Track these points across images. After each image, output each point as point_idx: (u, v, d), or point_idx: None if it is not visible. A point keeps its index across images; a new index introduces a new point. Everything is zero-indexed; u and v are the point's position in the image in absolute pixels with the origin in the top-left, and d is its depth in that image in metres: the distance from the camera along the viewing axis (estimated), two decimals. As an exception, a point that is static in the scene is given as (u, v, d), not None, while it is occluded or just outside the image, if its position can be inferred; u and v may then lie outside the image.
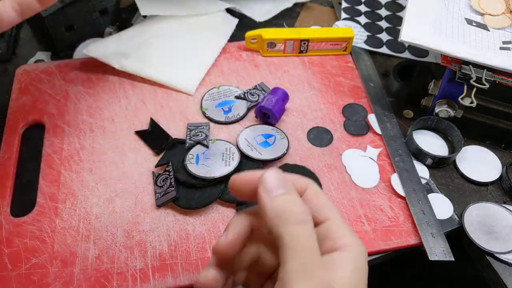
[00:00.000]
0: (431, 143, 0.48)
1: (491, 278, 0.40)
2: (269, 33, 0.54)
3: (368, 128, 0.49)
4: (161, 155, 0.45)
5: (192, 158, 0.43)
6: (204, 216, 0.41)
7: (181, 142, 0.46)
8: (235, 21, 0.59)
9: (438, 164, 0.46)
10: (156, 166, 0.44)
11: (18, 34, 0.59)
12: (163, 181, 0.42)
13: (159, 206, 0.41)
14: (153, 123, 0.48)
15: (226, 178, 0.42)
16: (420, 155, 0.46)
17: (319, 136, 0.48)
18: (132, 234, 0.40)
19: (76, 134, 0.47)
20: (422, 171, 0.45)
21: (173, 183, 0.41)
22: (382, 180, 0.45)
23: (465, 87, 0.43)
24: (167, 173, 0.43)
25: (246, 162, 0.44)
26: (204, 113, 0.49)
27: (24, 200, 0.42)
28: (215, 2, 0.59)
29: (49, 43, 0.56)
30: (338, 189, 0.44)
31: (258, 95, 0.51)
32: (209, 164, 0.43)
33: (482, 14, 0.49)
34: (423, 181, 0.44)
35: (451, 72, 0.45)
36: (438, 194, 0.44)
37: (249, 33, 0.55)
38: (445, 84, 0.46)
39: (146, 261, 0.38)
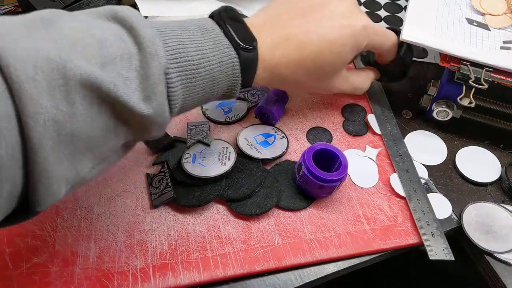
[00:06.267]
0: (430, 143, 0.48)
1: (490, 277, 0.40)
2: (269, 34, 0.54)
3: (367, 128, 0.49)
4: (157, 155, 0.45)
5: (189, 157, 0.43)
6: (204, 216, 0.41)
7: (181, 141, 0.46)
8: (235, 21, 0.59)
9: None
10: (153, 164, 0.44)
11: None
12: (158, 182, 0.42)
13: (155, 206, 0.41)
14: (154, 123, 0.48)
15: (221, 178, 0.42)
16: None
17: (319, 136, 0.48)
18: (132, 234, 0.40)
19: (77, 134, 0.47)
20: (421, 171, 0.46)
21: (169, 183, 0.41)
22: (381, 180, 0.45)
23: (464, 87, 0.44)
24: (162, 174, 0.43)
25: (246, 161, 0.44)
26: (204, 114, 0.50)
27: (25, 199, 0.43)
28: (215, 3, 0.60)
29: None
30: (337, 189, 0.44)
31: (258, 96, 0.51)
32: (205, 163, 0.43)
33: (483, 14, 0.49)
34: (422, 181, 0.45)
35: (450, 73, 0.45)
36: (437, 194, 0.44)
37: (249, 34, 0.55)
38: (444, 85, 0.46)
39: (146, 260, 0.38)
